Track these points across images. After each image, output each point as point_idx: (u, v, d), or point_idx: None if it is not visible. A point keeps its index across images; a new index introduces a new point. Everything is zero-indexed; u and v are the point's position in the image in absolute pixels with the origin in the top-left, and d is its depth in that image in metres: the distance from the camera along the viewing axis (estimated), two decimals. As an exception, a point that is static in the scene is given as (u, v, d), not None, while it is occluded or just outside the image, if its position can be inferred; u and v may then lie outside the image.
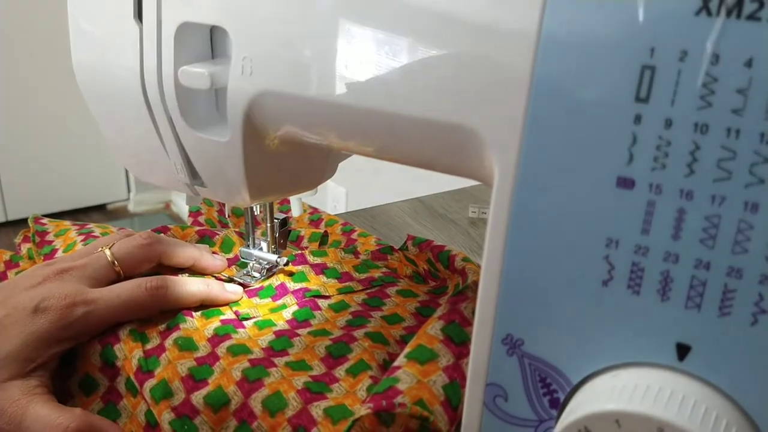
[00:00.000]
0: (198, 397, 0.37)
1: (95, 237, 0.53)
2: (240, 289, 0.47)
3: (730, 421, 0.23)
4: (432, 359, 0.37)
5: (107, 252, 0.45)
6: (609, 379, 0.26)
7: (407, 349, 0.38)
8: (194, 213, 0.62)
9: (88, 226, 0.56)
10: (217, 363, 0.39)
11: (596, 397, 0.25)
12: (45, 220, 0.57)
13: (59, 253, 0.52)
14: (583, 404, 0.25)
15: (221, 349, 0.40)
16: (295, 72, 0.31)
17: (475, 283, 0.42)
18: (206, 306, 0.45)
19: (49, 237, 0.54)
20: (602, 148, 0.24)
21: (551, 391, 0.28)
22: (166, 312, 0.44)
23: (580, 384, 0.27)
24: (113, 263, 0.45)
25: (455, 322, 0.39)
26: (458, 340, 0.39)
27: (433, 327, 0.39)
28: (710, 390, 0.24)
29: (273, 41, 0.32)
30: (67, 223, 0.57)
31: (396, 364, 0.37)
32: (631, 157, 0.24)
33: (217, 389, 0.37)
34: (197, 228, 0.55)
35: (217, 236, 0.54)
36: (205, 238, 0.53)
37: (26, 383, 0.38)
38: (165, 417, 0.37)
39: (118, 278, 0.45)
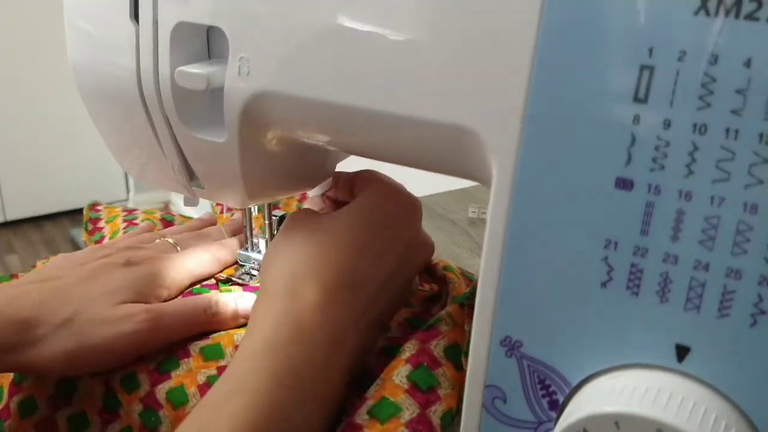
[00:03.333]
0: None
1: (135, 224, 0.54)
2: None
3: (729, 423, 0.23)
4: (394, 415, 0.34)
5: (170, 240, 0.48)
6: (608, 381, 0.25)
7: (370, 402, 0.35)
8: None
9: (134, 212, 0.56)
10: None
11: (595, 398, 0.25)
12: (100, 207, 0.57)
13: (106, 240, 0.52)
14: (582, 406, 0.25)
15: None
16: (292, 72, 0.31)
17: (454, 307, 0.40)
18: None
19: (101, 224, 0.54)
20: (601, 148, 0.24)
21: (550, 393, 0.28)
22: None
23: (579, 386, 0.27)
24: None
25: (423, 365, 0.36)
26: (425, 386, 0.36)
27: (399, 373, 0.36)
28: (709, 391, 0.24)
29: (270, 41, 0.31)
30: (117, 209, 0.57)
31: (358, 421, 0.35)
32: (630, 157, 0.24)
33: None
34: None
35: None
36: None
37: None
38: None
39: None
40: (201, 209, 0.57)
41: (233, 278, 0.48)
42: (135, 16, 0.35)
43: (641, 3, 0.23)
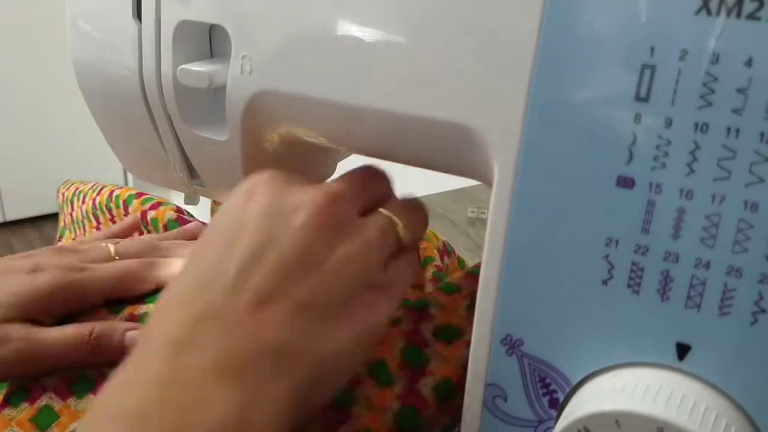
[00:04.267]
0: None
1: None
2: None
3: (730, 421, 0.23)
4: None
5: (111, 248, 0.42)
6: (609, 379, 0.26)
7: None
8: None
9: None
10: None
11: (596, 397, 0.25)
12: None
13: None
14: (582, 404, 0.25)
15: None
16: (294, 71, 0.31)
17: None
18: None
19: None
20: (602, 147, 0.24)
21: (551, 392, 0.28)
22: None
23: (579, 384, 0.27)
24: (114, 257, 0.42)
25: (416, 347, 0.36)
26: (417, 365, 0.36)
27: (396, 343, 0.36)
28: (710, 390, 0.24)
29: (272, 40, 0.31)
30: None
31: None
32: (631, 156, 0.24)
33: None
34: None
35: None
36: None
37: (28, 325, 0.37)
38: None
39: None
40: (202, 207, 0.57)
41: None
42: (137, 14, 0.35)
43: (642, 2, 0.23)
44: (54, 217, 2.55)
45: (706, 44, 0.22)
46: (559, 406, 0.28)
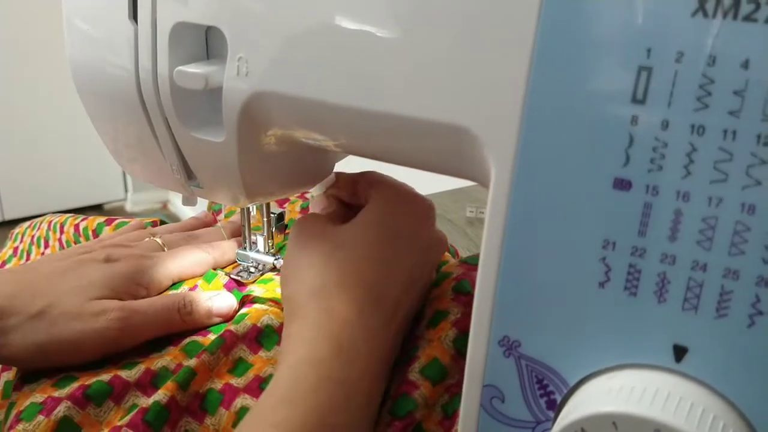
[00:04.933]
0: None
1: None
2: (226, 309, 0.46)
3: (727, 423, 0.23)
4: (443, 380, 0.37)
5: (159, 240, 0.48)
6: (606, 381, 0.25)
7: (422, 361, 0.37)
8: (216, 213, 0.61)
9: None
10: None
11: (593, 398, 0.25)
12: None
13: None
14: (580, 406, 0.25)
15: None
16: (290, 72, 0.31)
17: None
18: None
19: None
20: (599, 149, 0.24)
21: (548, 393, 0.28)
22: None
23: (577, 385, 0.27)
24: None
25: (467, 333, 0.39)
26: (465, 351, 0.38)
27: (447, 336, 0.38)
28: (707, 392, 0.24)
29: (268, 42, 0.31)
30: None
31: (411, 378, 0.37)
32: (628, 158, 0.24)
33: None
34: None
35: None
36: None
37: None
38: None
39: None
40: (199, 209, 0.57)
41: (231, 276, 0.49)
42: (134, 16, 0.35)
43: (639, 4, 0.23)
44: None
45: (702, 46, 0.22)
46: (556, 408, 0.28)
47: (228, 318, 0.44)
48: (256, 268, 0.50)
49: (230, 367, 0.41)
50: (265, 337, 0.42)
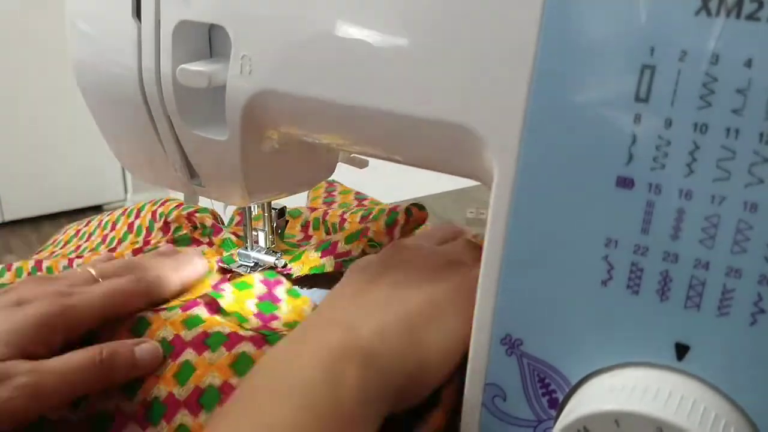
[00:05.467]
0: None
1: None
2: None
3: (729, 421, 0.23)
4: None
5: (92, 271, 0.40)
6: (608, 379, 0.26)
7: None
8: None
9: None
10: None
11: (595, 397, 0.25)
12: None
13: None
14: (582, 404, 0.25)
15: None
16: (293, 71, 0.31)
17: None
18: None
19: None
20: (602, 147, 0.24)
21: (550, 392, 0.28)
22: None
23: (579, 384, 0.27)
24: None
25: None
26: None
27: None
28: (709, 390, 0.24)
29: (272, 40, 0.31)
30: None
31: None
32: (631, 156, 0.24)
33: None
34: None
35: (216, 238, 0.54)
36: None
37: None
38: None
39: None
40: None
41: (233, 269, 0.49)
42: (137, 14, 0.35)
43: (642, 3, 0.23)
44: (52, 216, 2.55)
45: (705, 45, 0.22)
46: (558, 406, 0.28)
47: (153, 368, 0.38)
48: (254, 267, 0.50)
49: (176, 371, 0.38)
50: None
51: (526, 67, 0.25)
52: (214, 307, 0.43)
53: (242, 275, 0.48)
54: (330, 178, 0.62)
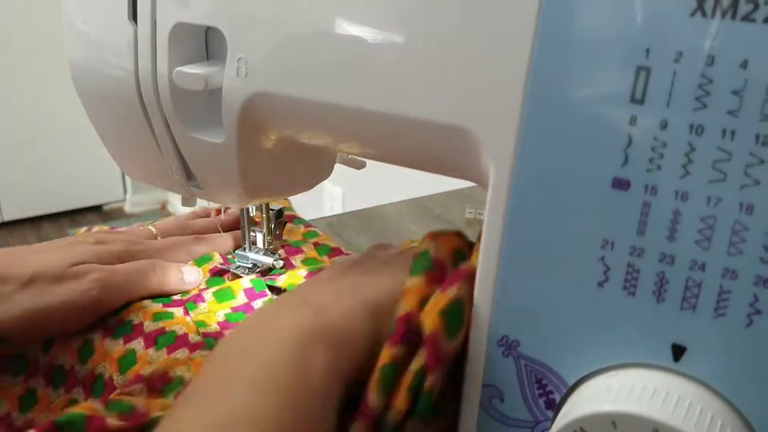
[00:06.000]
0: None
1: None
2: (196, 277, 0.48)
3: (726, 422, 0.23)
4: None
5: (152, 228, 0.50)
6: (605, 380, 0.26)
7: None
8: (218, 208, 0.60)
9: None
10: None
11: (592, 398, 0.25)
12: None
13: None
14: (578, 405, 0.25)
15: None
16: (290, 73, 0.31)
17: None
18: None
19: None
20: (598, 149, 0.24)
21: (547, 392, 0.28)
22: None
23: (575, 385, 0.27)
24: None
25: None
26: None
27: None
28: (706, 391, 0.24)
29: (268, 42, 0.31)
30: None
31: None
32: (627, 158, 0.24)
33: None
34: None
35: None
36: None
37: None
38: None
39: None
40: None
41: (231, 270, 0.49)
42: (133, 16, 0.35)
43: (638, 4, 0.23)
44: (51, 217, 2.55)
45: (701, 46, 0.22)
46: (555, 407, 0.28)
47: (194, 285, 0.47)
48: (252, 268, 0.50)
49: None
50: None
51: (522, 69, 0.25)
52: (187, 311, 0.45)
53: (240, 277, 0.48)
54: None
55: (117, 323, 0.43)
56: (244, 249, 0.50)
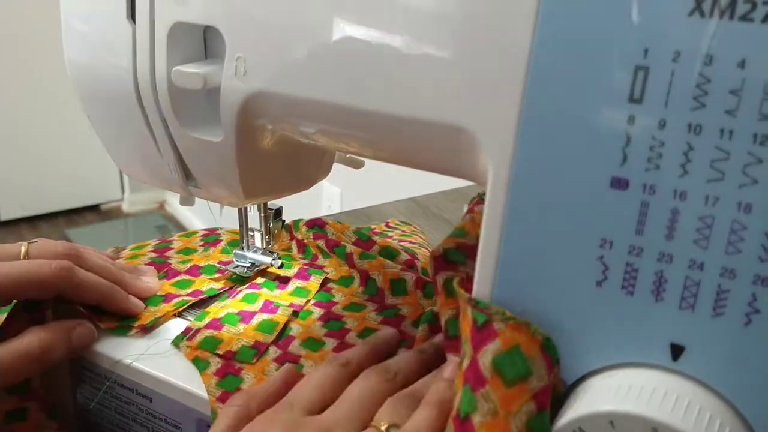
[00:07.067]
0: None
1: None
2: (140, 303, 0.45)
3: (724, 421, 0.23)
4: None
5: (23, 248, 0.42)
6: (603, 380, 0.26)
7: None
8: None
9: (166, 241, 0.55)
10: None
11: (590, 397, 0.25)
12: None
13: None
14: (577, 405, 0.25)
15: None
16: (288, 72, 0.31)
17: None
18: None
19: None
20: (596, 148, 0.24)
21: (545, 392, 0.28)
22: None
23: (574, 385, 0.27)
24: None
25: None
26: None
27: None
28: (704, 390, 0.24)
29: (266, 41, 0.31)
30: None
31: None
32: (625, 157, 0.24)
33: None
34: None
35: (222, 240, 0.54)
36: (209, 237, 0.55)
37: None
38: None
39: None
40: (197, 209, 0.57)
41: (228, 269, 0.49)
42: (132, 16, 0.35)
43: (636, 4, 0.23)
44: (49, 216, 2.54)
45: (699, 45, 0.22)
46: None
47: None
48: (251, 267, 0.50)
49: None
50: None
51: (520, 68, 0.25)
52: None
53: (247, 278, 0.49)
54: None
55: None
56: (243, 249, 0.50)
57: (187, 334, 0.42)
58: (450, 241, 0.36)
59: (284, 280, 0.49)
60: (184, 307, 0.45)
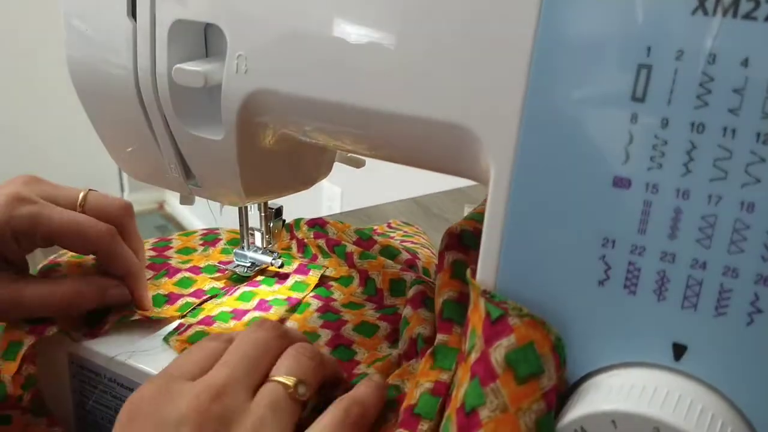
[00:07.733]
0: None
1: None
2: None
3: (726, 421, 0.23)
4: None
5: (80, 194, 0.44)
6: (605, 379, 0.25)
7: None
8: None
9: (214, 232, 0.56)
10: None
11: (592, 397, 0.25)
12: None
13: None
14: (579, 404, 0.25)
15: None
16: (289, 70, 0.31)
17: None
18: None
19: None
20: (598, 147, 0.24)
21: (547, 391, 0.28)
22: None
23: (576, 384, 0.27)
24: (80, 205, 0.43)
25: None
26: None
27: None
28: (706, 390, 0.24)
29: (268, 39, 0.31)
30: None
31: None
32: (628, 156, 0.24)
33: None
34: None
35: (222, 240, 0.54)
36: (209, 236, 0.55)
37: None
38: None
39: None
40: (197, 208, 0.57)
41: (228, 267, 0.49)
42: (132, 13, 0.35)
43: (639, 2, 0.23)
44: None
45: (702, 44, 0.22)
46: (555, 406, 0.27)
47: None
48: (251, 267, 0.50)
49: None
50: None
51: (523, 67, 0.25)
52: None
53: (247, 278, 0.49)
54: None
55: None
56: (243, 248, 0.50)
57: (179, 329, 0.42)
58: (469, 224, 0.36)
59: (283, 276, 0.49)
60: (189, 311, 0.45)
